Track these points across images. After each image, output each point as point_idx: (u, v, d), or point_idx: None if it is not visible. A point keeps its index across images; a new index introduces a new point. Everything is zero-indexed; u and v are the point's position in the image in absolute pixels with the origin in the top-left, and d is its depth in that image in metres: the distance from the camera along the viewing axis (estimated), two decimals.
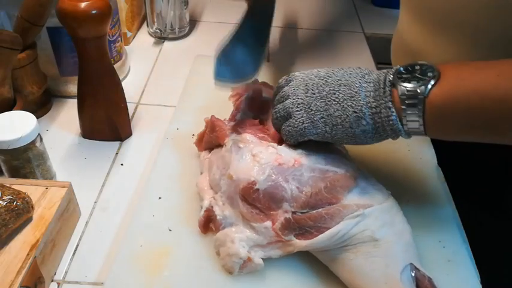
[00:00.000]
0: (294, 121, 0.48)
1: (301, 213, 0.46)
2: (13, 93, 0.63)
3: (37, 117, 0.54)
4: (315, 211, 0.46)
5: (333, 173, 0.48)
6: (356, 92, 0.45)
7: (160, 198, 0.55)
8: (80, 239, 0.54)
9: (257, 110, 0.59)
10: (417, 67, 0.44)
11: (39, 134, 0.54)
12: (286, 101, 0.49)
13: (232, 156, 0.49)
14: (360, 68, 0.48)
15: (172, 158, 0.61)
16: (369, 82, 0.46)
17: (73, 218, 0.54)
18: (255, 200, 0.47)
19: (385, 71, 0.46)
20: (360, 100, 0.45)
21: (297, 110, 0.48)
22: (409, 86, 0.43)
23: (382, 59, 0.90)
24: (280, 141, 0.52)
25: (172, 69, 0.83)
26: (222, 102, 0.60)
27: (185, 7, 0.90)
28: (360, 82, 0.46)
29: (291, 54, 0.88)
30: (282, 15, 1.02)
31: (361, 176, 0.49)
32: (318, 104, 0.47)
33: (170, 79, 0.80)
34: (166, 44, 0.91)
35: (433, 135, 0.46)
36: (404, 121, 0.44)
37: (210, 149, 0.56)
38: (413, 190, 0.58)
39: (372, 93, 0.45)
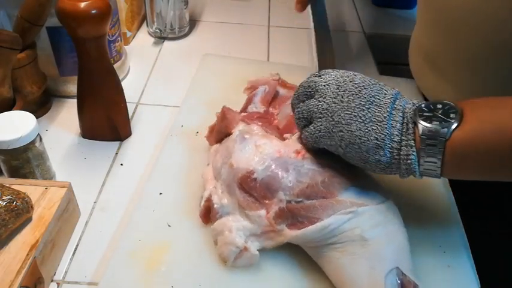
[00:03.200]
0: (312, 128, 0.47)
1: (296, 202, 0.46)
2: (13, 93, 0.63)
3: (37, 117, 0.54)
4: (308, 201, 0.46)
5: (333, 169, 0.48)
6: (384, 118, 0.43)
7: (161, 193, 0.56)
8: (79, 239, 0.54)
9: (269, 105, 0.60)
10: (439, 106, 0.43)
11: (38, 134, 0.54)
12: (311, 101, 0.47)
13: (236, 146, 0.50)
14: (394, 89, 0.46)
15: (175, 154, 0.61)
16: (398, 109, 0.44)
17: (73, 218, 0.54)
18: (252, 188, 0.47)
19: (412, 101, 0.45)
20: (386, 129, 0.43)
21: (319, 117, 0.46)
22: (431, 126, 0.41)
23: (382, 59, 0.90)
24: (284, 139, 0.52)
25: (172, 69, 0.83)
26: (228, 100, 0.61)
27: (185, 7, 0.90)
28: (391, 107, 0.44)
29: (291, 54, 0.88)
30: (282, 15, 1.02)
31: (362, 176, 0.49)
32: (342, 115, 0.44)
33: (170, 79, 0.80)
34: (166, 43, 0.90)
35: (448, 176, 0.45)
36: (422, 161, 0.42)
37: (220, 140, 0.56)
38: (417, 193, 0.58)
39: (398, 125, 0.43)
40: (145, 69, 0.82)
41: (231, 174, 0.49)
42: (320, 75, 0.48)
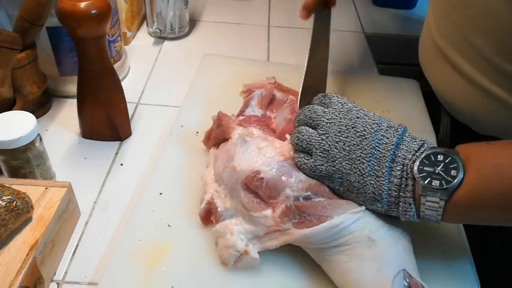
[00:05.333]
0: (312, 163, 0.47)
1: (304, 198, 0.46)
2: (13, 93, 0.63)
3: (37, 117, 0.54)
4: (317, 199, 0.46)
5: None
6: (383, 173, 0.44)
7: (161, 194, 0.56)
8: (79, 239, 0.54)
9: (266, 108, 0.59)
10: (440, 157, 0.42)
11: (38, 134, 0.54)
12: (313, 134, 0.47)
13: (237, 149, 0.49)
14: (397, 129, 0.45)
15: (175, 154, 0.61)
16: (398, 162, 0.44)
17: (73, 218, 0.54)
18: (258, 187, 0.47)
19: (414, 147, 0.44)
20: (383, 185, 0.43)
21: (319, 156, 0.46)
22: (431, 187, 0.41)
23: (382, 59, 0.90)
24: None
25: (172, 69, 0.83)
26: (228, 100, 0.61)
27: (185, 7, 0.90)
28: (390, 160, 0.44)
29: (291, 54, 0.88)
30: (282, 15, 1.02)
31: None
32: (343, 164, 0.45)
33: (170, 79, 0.80)
34: (166, 43, 0.91)
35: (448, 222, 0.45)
36: (422, 215, 0.43)
37: (217, 145, 0.56)
38: None
39: (396, 180, 0.43)
40: (145, 69, 0.83)
41: (233, 177, 0.48)
42: (323, 103, 0.49)
